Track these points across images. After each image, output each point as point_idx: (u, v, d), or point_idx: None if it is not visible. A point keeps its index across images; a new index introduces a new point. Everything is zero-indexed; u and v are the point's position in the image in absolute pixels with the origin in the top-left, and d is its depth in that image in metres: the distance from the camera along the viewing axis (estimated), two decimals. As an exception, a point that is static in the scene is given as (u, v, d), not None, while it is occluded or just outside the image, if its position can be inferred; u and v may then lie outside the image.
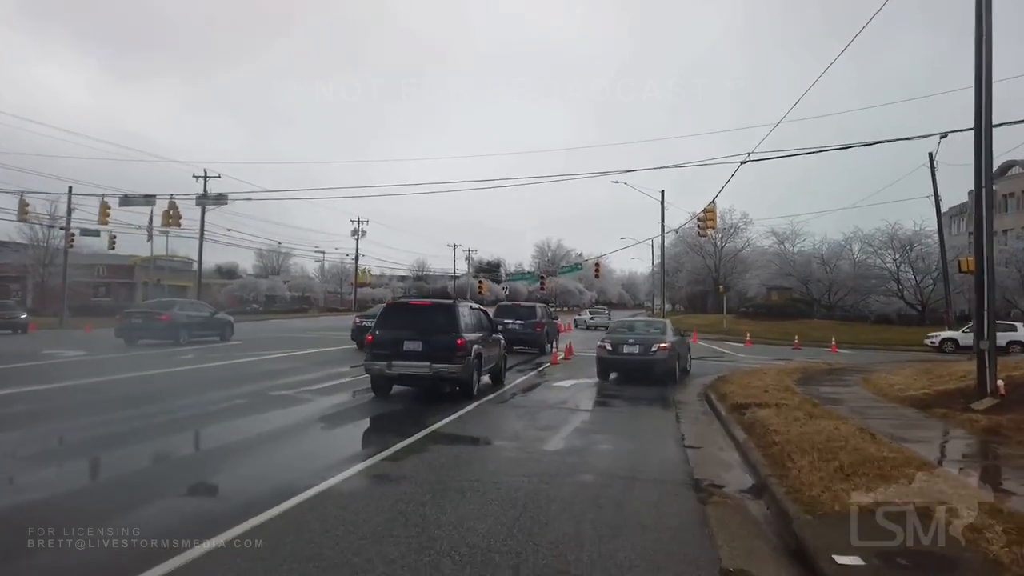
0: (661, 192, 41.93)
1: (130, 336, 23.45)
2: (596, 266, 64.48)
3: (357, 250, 76.78)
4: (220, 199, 38.75)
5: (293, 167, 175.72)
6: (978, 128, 11.56)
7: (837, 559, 4.49)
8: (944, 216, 38.09)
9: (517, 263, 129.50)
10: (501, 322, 23.37)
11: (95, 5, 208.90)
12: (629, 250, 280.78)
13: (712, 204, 31.17)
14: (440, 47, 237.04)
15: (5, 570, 4.44)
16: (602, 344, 17.41)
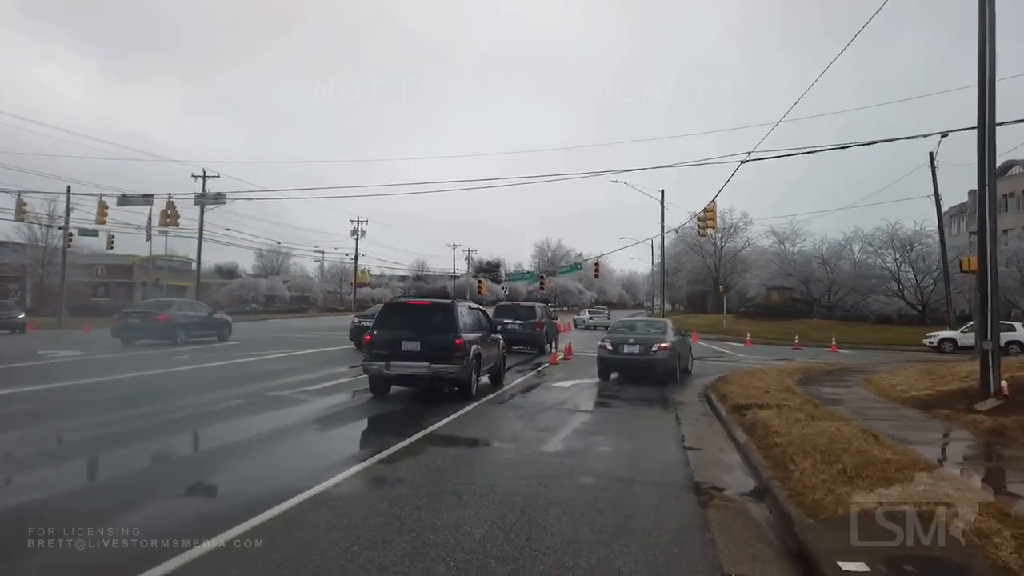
0: (661, 192, 42.04)
1: (127, 336, 23.36)
2: (596, 266, 64.44)
3: (357, 250, 76.78)
4: (219, 198, 38.69)
5: (293, 167, 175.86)
6: (981, 127, 11.46)
7: (842, 565, 4.41)
8: (944, 216, 37.99)
9: (517, 263, 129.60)
10: (500, 322, 23.26)
11: (95, 5, 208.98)
12: (629, 250, 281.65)
13: (712, 204, 31.10)
14: (440, 47, 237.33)
15: (5, 570, 4.40)
16: (603, 344, 17.32)
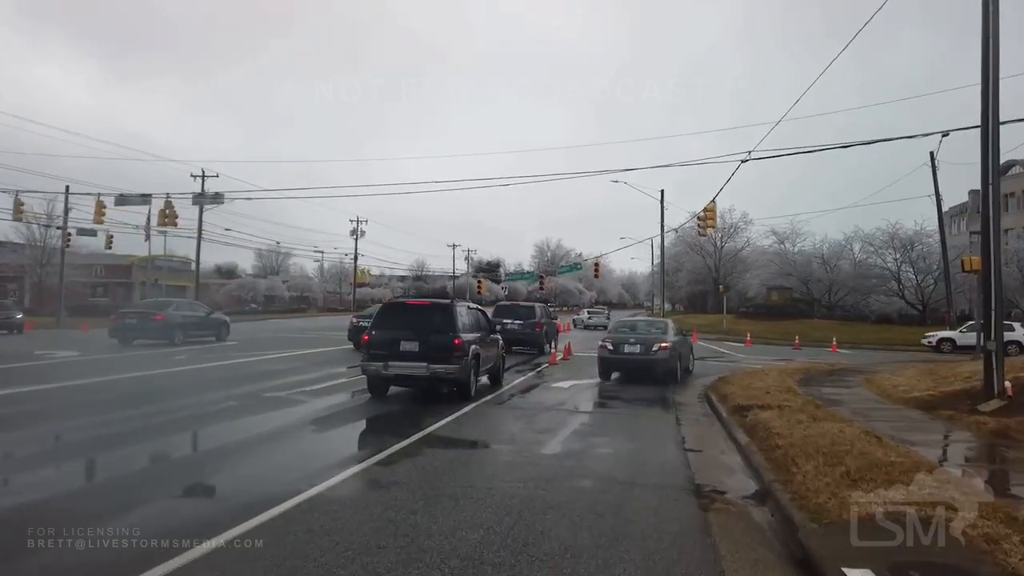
0: (661, 192, 41.89)
1: (124, 336, 23.24)
2: (595, 266, 64.30)
3: (356, 250, 76.71)
4: (217, 198, 38.60)
5: (293, 167, 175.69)
6: (985, 125, 11.35)
7: (847, 571, 4.30)
8: (944, 216, 37.90)
9: (517, 263, 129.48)
10: (500, 322, 23.16)
11: (95, 5, 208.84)
12: (629, 250, 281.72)
13: (712, 203, 30.98)
14: (440, 47, 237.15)
15: (5, 570, 4.36)
16: (603, 344, 17.28)
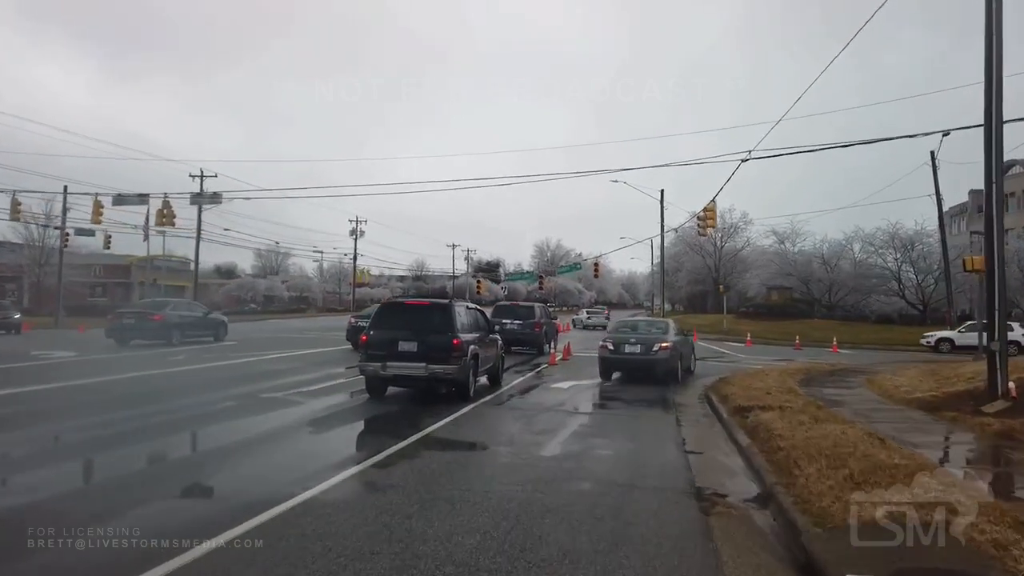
0: (660, 191, 41.79)
1: (121, 337, 23.11)
2: (595, 266, 64.20)
3: (355, 250, 76.61)
4: (215, 198, 38.48)
5: (292, 167, 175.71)
6: (988, 123, 11.24)
7: (852, 578, 4.19)
8: (944, 216, 37.76)
9: (516, 263, 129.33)
10: (499, 322, 23.05)
11: (95, 5, 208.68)
12: (628, 250, 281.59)
13: (712, 203, 30.86)
14: (440, 47, 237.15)
15: (6, 570, 4.31)
16: (604, 344, 17.23)
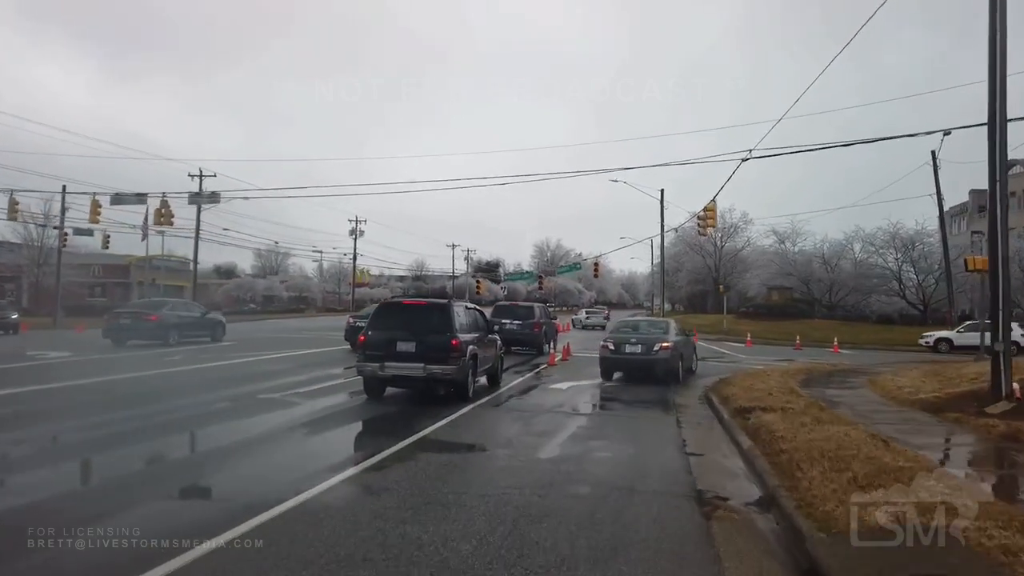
0: (660, 191, 41.71)
1: (118, 337, 22.96)
2: (595, 266, 64.10)
3: (355, 250, 76.54)
4: (213, 197, 38.38)
5: (292, 167, 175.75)
6: (992, 121, 11.12)
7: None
8: (944, 215, 37.65)
9: (516, 263, 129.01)
10: (498, 322, 22.89)
11: (95, 5, 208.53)
12: (628, 250, 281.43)
13: (712, 203, 30.78)
14: (440, 47, 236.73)
15: (5, 570, 4.28)
16: (605, 344, 17.22)
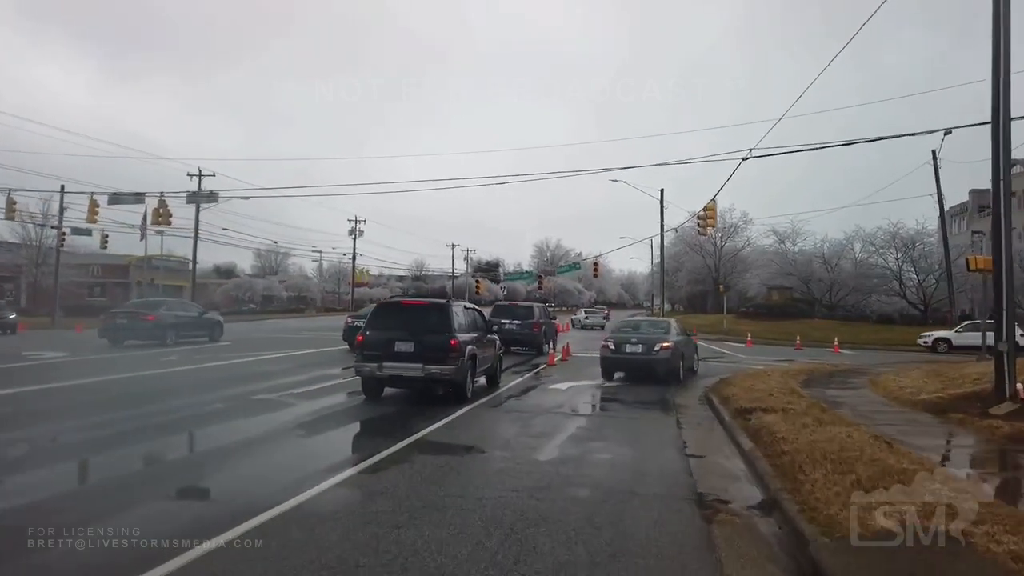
0: (660, 191, 41.60)
1: (115, 337, 22.83)
2: (595, 265, 63.96)
3: (354, 249, 76.47)
4: (211, 197, 38.25)
5: (292, 166, 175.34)
6: (995, 119, 11.02)
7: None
8: (945, 215, 37.50)
9: (516, 263, 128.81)
10: (498, 322, 22.85)
11: (95, 5, 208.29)
12: (628, 250, 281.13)
13: (712, 202, 30.67)
14: (440, 47, 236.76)
15: (5, 571, 4.26)
16: (605, 343, 17.19)
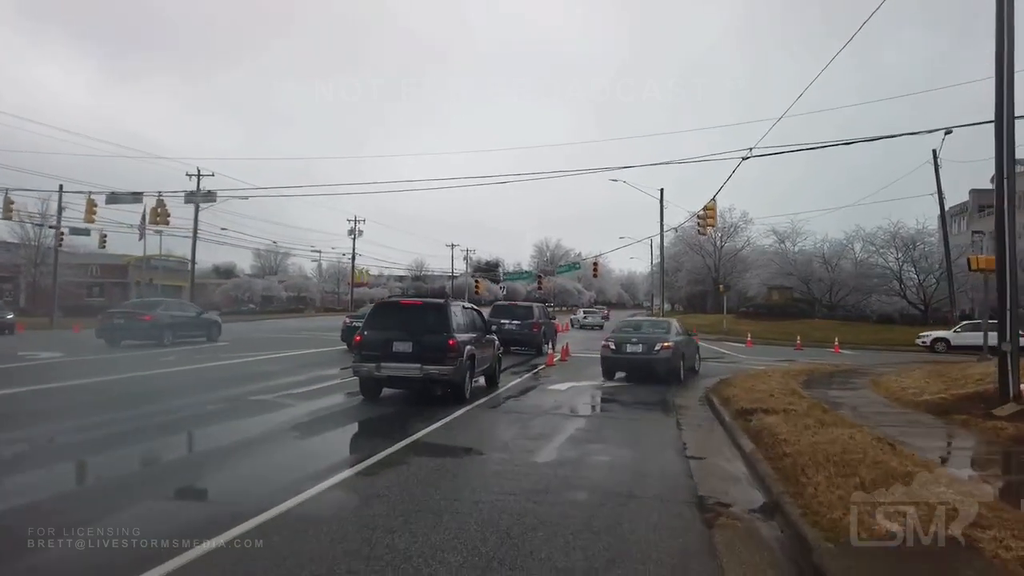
0: (660, 190, 41.46)
1: (111, 337, 22.71)
2: (594, 265, 63.81)
3: (354, 249, 76.40)
4: (209, 196, 38.14)
5: (292, 166, 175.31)
6: (999, 117, 10.90)
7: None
8: (945, 215, 37.38)
9: (516, 263, 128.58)
10: (497, 322, 22.75)
11: (95, 5, 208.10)
12: (628, 250, 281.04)
13: (712, 202, 30.60)
14: (440, 47, 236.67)
15: (5, 571, 4.22)
16: (606, 343, 17.19)
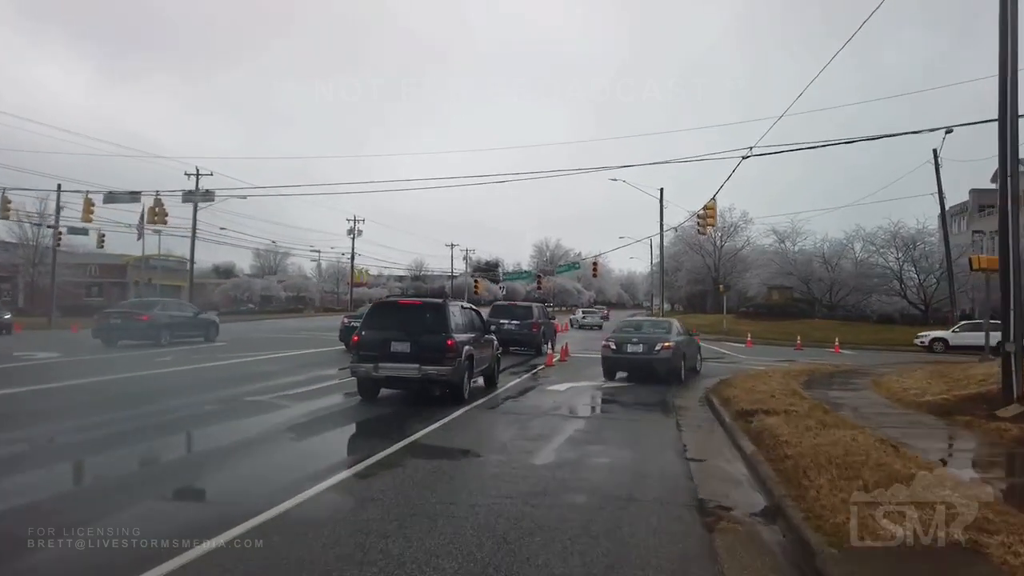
0: (660, 190, 41.46)
1: (108, 337, 22.62)
2: (594, 265, 63.72)
3: (353, 249, 76.37)
4: (207, 195, 38.08)
5: (291, 166, 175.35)
6: (1002, 115, 10.82)
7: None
8: (946, 214, 37.36)
9: (515, 263, 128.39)
10: (496, 322, 22.67)
11: (95, 5, 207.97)
12: (628, 250, 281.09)
13: (712, 201, 30.51)
14: (440, 47, 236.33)
15: (5, 571, 4.21)
16: (607, 343, 17.16)
